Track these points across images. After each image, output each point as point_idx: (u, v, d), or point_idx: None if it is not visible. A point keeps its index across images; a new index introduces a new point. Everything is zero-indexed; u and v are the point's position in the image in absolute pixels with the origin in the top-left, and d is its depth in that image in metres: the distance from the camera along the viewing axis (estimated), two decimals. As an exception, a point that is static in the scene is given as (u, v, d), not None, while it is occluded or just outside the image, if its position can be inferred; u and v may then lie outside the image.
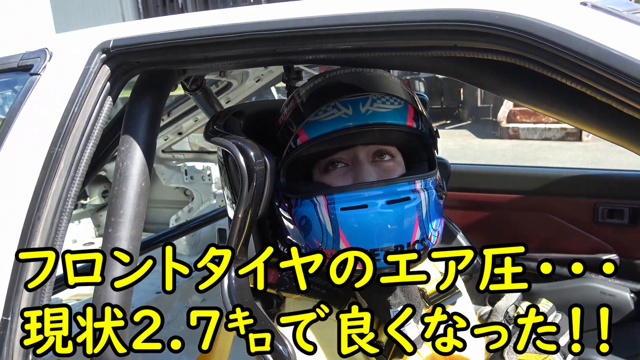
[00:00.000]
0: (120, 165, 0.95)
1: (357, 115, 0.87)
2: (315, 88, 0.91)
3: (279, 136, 0.94)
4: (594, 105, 0.63)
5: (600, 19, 0.60)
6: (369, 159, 0.91)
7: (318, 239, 0.87)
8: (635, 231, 2.08)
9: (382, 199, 0.84)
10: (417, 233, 0.86)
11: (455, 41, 0.68)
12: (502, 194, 2.32)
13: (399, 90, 0.90)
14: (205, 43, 0.85)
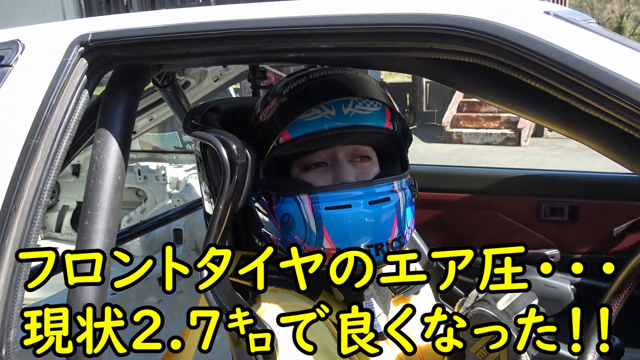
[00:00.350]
0: (97, 158, 0.95)
1: (340, 116, 0.91)
2: (300, 89, 0.93)
3: (260, 134, 0.96)
4: (555, 104, 0.70)
5: (561, 27, 0.68)
6: (347, 158, 0.95)
7: (300, 236, 0.91)
8: (574, 227, 2.23)
9: (364, 199, 0.89)
10: (396, 231, 0.91)
11: (432, 43, 0.74)
12: (453, 193, 2.43)
13: (378, 93, 0.95)
14: (189, 39, 0.87)
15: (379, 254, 0.89)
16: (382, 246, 0.90)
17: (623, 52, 0.65)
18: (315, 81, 0.94)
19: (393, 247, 0.91)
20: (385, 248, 0.90)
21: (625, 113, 0.61)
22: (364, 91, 0.93)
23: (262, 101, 1.00)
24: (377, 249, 0.89)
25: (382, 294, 1.02)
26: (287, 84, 0.96)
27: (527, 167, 7.17)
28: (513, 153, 9.65)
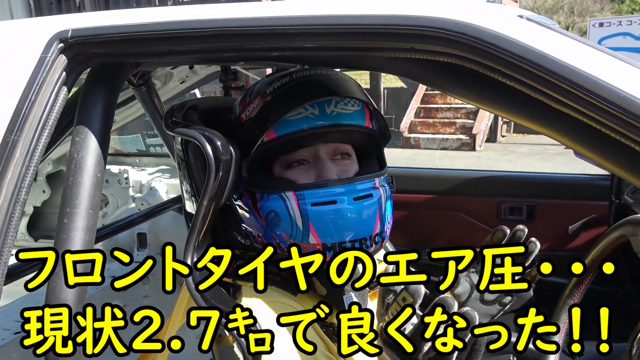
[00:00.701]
0: (76, 155, 0.94)
1: (322, 115, 0.94)
2: (284, 88, 0.95)
3: (243, 132, 0.97)
4: (528, 101, 0.75)
5: (534, 29, 0.73)
6: (329, 156, 0.98)
7: (287, 232, 0.93)
8: (531, 226, 2.30)
9: (349, 196, 0.91)
10: (378, 226, 0.95)
11: (413, 44, 0.78)
12: (417, 194, 2.50)
13: (358, 93, 0.99)
14: (172, 37, 0.88)
15: (362, 248, 0.93)
16: (366, 241, 0.93)
17: (590, 52, 0.70)
18: (299, 80, 0.96)
19: (375, 241, 0.95)
20: (368, 242, 0.93)
21: (593, 109, 0.67)
22: (346, 91, 0.96)
23: (244, 100, 1.02)
24: (360, 243, 0.92)
25: (359, 290, 1.05)
26: (270, 83, 0.98)
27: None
28: (468, 158, 9.92)
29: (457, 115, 11.58)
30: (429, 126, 11.56)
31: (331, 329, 0.97)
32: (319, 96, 0.93)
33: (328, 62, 0.96)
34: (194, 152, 1.05)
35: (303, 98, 0.93)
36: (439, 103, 12.00)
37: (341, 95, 0.95)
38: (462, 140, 10.94)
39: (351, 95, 0.96)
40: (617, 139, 0.68)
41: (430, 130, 11.50)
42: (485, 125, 11.08)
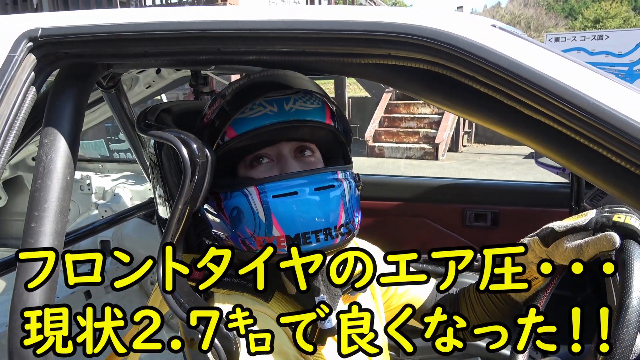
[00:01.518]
0: (44, 158, 0.92)
1: (281, 112, 0.94)
2: (240, 88, 0.97)
3: (206, 134, 0.98)
4: (500, 107, 0.78)
5: (507, 38, 0.75)
6: (291, 154, 0.99)
7: (250, 227, 0.92)
8: (495, 232, 2.39)
9: (309, 186, 0.92)
10: (343, 217, 0.95)
11: (390, 50, 0.80)
12: (384, 201, 2.53)
13: (317, 90, 0.99)
14: (148, 38, 0.87)
15: (328, 239, 0.92)
16: (331, 231, 0.93)
17: (560, 61, 0.73)
18: (256, 80, 0.97)
19: (341, 232, 0.94)
20: (333, 233, 0.93)
21: (564, 115, 0.69)
22: (302, 86, 0.97)
23: (210, 105, 1.02)
24: (325, 233, 0.92)
25: (331, 291, 1.06)
26: (231, 85, 0.99)
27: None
28: (432, 166, 10.11)
29: (420, 125, 11.79)
30: (392, 135, 11.72)
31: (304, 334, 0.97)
32: (274, 91, 0.94)
33: (304, 67, 0.97)
34: (167, 155, 1.04)
35: (258, 94, 0.93)
36: (403, 113, 12.19)
37: (297, 89, 0.96)
38: (425, 149, 11.14)
39: (309, 89, 0.97)
40: (586, 144, 0.71)
41: (394, 140, 11.66)
42: (448, 135, 11.32)
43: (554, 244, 0.98)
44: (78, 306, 2.38)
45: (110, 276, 2.61)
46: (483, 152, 11.98)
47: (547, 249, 1.00)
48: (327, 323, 0.97)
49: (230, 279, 0.99)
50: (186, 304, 0.87)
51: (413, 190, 2.52)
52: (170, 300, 0.88)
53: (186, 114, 1.13)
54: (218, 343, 0.85)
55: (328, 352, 1.01)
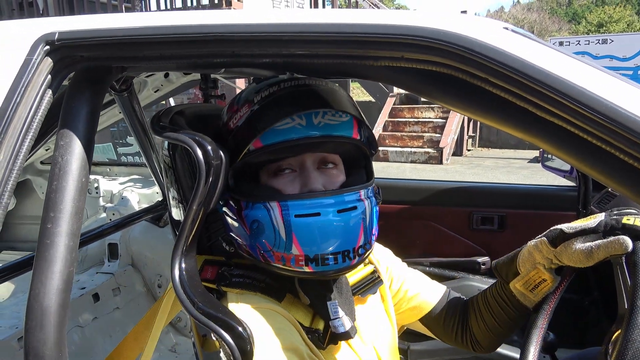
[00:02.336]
0: (60, 160, 0.93)
1: (310, 126, 0.93)
2: (272, 97, 0.94)
3: (231, 140, 0.97)
4: (512, 109, 0.78)
5: (519, 40, 0.76)
6: (315, 165, 0.98)
7: (270, 242, 0.92)
8: (503, 235, 2.39)
9: (333, 208, 0.91)
10: (362, 239, 0.95)
11: (403, 52, 0.80)
12: (390, 204, 2.54)
13: (347, 105, 0.98)
14: (163, 41, 0.88)
15: (345, 261, 0.93)
16: (349, 253, 0.93)
17: (574, 63, 0.74)
18: (287, 90, 0.95)
19: (359, 253, 0.94)
20: (351, 255, 0.93)
21: (578, 117, 0.70)
22: (335, 103, 0.96)
23: (231, 107, 1.01)
24: (344, 255, 0.92)
25: (344, 296, 1.06)
26: (259, 91, 0.96)
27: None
28: (436, 171, 10.10)
29: (424, 129, 11.79)
30: (397, 139, 11.73)
31: (316, 335, 0.98)
32: (307, 107, 0.93)
33: (318, 70, 0.97)
34: (181, 157, 1.05)
35: (290, 109, 0.92)
36: (407, 117, 12.19)
37: (330, 107, 0.95)
38: (430, 153, 11.14)
39: (339, 108, 0.96)
40: (599, 145, 0.71)
41: (399, 144, 11.67)
42: (452, 139, 11.31)
43: (562, 245, 0.98)
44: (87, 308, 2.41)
45: (118, 279, 2.63)
46: (487, 156, 11.97)
47: (555, 249, 1.00)
48: (340, 327, 0.97)
49: (243, 279, 1.00)
50: (200, 303, 0.88)
51: (419, 194, 2.52)
52: (185, 300, 0.89)
53: (199, 117, 1.14)
54: (232, 343, 0.85)
55: (340, 354, 1.01)
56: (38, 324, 0.88)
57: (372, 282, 1.16)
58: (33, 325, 0.88)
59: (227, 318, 0.87)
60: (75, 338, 2.23)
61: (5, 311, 2.28)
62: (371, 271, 1.19)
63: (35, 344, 0.87)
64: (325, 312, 0.99)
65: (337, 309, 0.99)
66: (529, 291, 1.08)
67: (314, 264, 0.91)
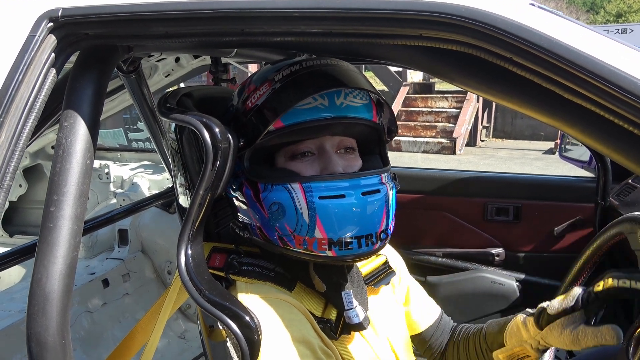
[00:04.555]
0: (64, 141, 0.90)
1: (332, 107, 0.91)
2: (294, 76, 0.91)
3: (249, 120, 0.92)
4: (537, 91, 0.73)
5: (546, 17, 0.71)
6: (334, 149, 0.95)
7: (291, 225, 0.89)
8: (518, 227, 2.34)
9: (357, 190, 0.88)
10: (384, 223, 0.92)
11: (422, 30, 0.76)
12: (404, 193, 2.49)
13: (367, 86, 0.96)
14: (170, 18, 0.84)
15: (368, 245, 0.90)
16: (371, 237, 0.90)
17: (605, 41, 0.69)
18: (309, 69, 0.92)
19: (381, 238, 0.91)
20: (374, 239, 0.90)
21: (609, 98, 0.65)
22: (356, 82, 0.94)
23: (248, 87, 0.96)
24: (367, 239, 0.89)
25: (357, 286, 1.03)
26: (279, 70, 0.93)
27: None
28: (449, 161, 10.02)
29: (438, 119, 11.68)
30: (410, 129, 11.63)
31: (328, 325, 0.95)
32: (330, 86, 0.90)
33: (331, 49, 0.93)
34: (189, 141, 1.02)
35: (314, 88, 0.89)
36: (420, 106, 12.08)
37: (351, 86, 0.92)
38: (443, 143, 11.03)
39: (361, 87, 0.93)
40: (633, 131, 0.66)
41: (412, 134, 11.57)
42: (465, 129, 11.19)
43: (547, 327, 0.96)
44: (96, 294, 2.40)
45: (128, 265, 2.62)
46: (501, 147, 11.83)
47: (541, 332, 0.98)
48: (355, 318, 0.95)
49: (252, 267, 0.97)
50: (207, 291, 0.85)
51: (433, 183, 2.48)
52: (191, 287, 0.86)
53: (208, 99, 1.11)
54: (239, 332, 0.82)
55: (352, 344, 0.98)
56: (40, 310, 0.85)
57: (384, 272, 1.14)
58: (35, 310, 0.86)
59: (235, 307, 0.84)
60: (84, 323, 2.23)
61: (15, 295, 2.28)
62: (384, 261, 1.16)
63: (37, 329, 0.85)
64: (340, 302, 0.96)
65: (352, 299, 0.97)
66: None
67: (337, 248, 0.88)
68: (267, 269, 0.98)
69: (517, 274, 2.25)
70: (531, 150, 11.10)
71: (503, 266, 2.33)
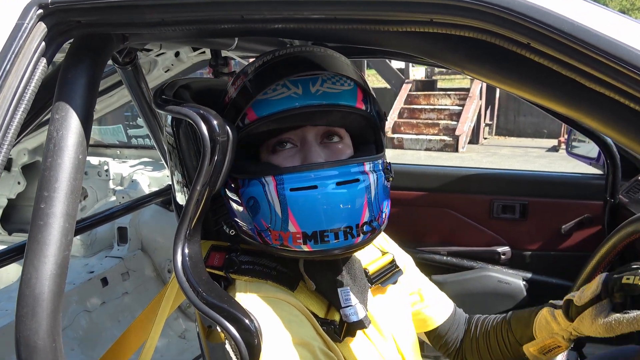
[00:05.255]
0: (55, 135, 0.85)
1: (306, 95, 0.86)
2: (264, 66, 0.89)
3: (225, 114, 0.90)
4: (556, 79, 0.69)
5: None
6: (317, 140, 0.91)
7: (266, 220, 0.86)
8: (524, 225, 2.29)
9: (332, 180, 0.84)
10: (366, 214, 0.87)
11: (432, 15, 0.71)
12: (407, 190, 2.45)
13: (349, 71, 0.91)
14: (165, 4, 0.80)
15: (347, 238, 0.85)
16: (352, 229, 0.85)
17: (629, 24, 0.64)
18: (281, 57, 0.89)
19: (363, 230, 0.87)
20: (354, 232, 0.85)
21: (635, 85, 0.61)
22: (334, 68, 0.89)
23: (232, 82, 0.95)
24: (345, 232, 0.84)
25: (358, 284, 0.99)
26: (254, 62, 0.92)
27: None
28: (452, 159, 9.97)
29: (440, 117, 11.62)
30: (412, 127, 11.57)
31: (332, 327, 0.90)
32: (301, 72, 0.86)
33: (336, 38, 0.89)
34: (186, 135, 0.97)
35: (282, 75, 0.86)
36: (423, 104, 12.02)
37: (327, 71, 0.88)
38: (445, 141, 10.97)
39: (339, 72, 0.89)
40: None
41: (414, 131, 11.52)
42: (468, 126, 11.14)
43: (578, 318, 0.98)
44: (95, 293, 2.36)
45: (127, 263, 2.58)
46: (504, 144, 11.78)
47: (572, 323, 0.99)
48: (353, 316, 0.91)
49: (253, 266, 0.93)
50: (204, 293, 0.81)
51: (437, 180, 2.43)
52: (188, 288, 0.82)
53: (207, 91, 1.06)
54: (238, 336, 0.78)
55: (356, 345, 0.94)
56: (30, 312, 0.81)
57: (391, 271, 1.10)
58: (24, 312, 0.82)
59: (233, 309, 0.80)
60: (82, 323, 2.19)
61: (13, 294, 2.25)
62: (390, 260, 1.12)
63: (26, 332, 0.80)
64: (337, 300, 0.92)
65: (350, 296, 0.93)
66: (542, 354, 1.10)
67: (312, 242, 0.84)
68: (268, 267, 0.94)
69: (523, 272, 2.20)
70: (534, 147, 11.04)
71: (509, 265, 2.28)
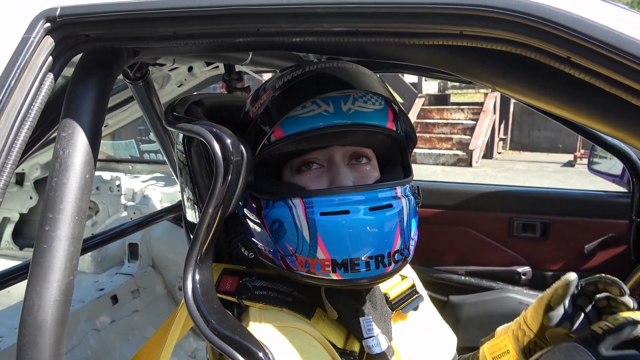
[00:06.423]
0: (61, 153, 0.81)
1: (338, 113, 0.82)
2: (294, 82, 0.84)
3: (249, 131, 0.86)
4: (599, 96, 0.64)
5: (614, 11, 0.61)
6: (345, 160, 0.87)
7: (292, 245, 0.81)
8: (545, 244, 2.22)
9: (364, 205, 0.79)
10: (398, 242, 0.82)
11: (462, 27, 0.66)
12: (425, 208, 2.38)
13: (380, 89, 0.87)
14: (177, 17, 0.76)
15: (379, 267, 0.80)
16: (383, 258, 0.80)
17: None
18: (312, 73, 0.85)
19: (395, 259, 0.81)
20: (386, 260, 0.80)
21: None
22: (365, 85, 0.85)
23: (253, 96, 0.91)
24: (377, 261, 0.79)
25: (380, 312, 0.93)
26: (281, 77, 0.87)
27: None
28: (465, 173, 9.87)
29: (453, 131, 11.54)
30: (425, 141, 11.51)
31: (351, 358, 0.85)
32: (333, 90, 0.82)
33: (358, 52, 0.84)
34: (197, 152, 0.93)
35: (314, 92, 0.81)
36: (436, 118, 11.97)
37: (359, 89, 0.83)
38: (459, 156, 10.89)
39: (371, 91, 0.84)
40: None
41: (427, 146, 11.45)
42: (482, 141, 11.05)
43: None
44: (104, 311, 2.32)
45: (138, 280, 2.54)
46: (519, 159, 11.65)
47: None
48: (376, 347, 0.85)
49: (267, 292, 0.88)
50: (215, 323, 0.76)
51: (455, 197, 2.37)
52: (198, 317, 0.77)
53: (220, 107, 1.02)
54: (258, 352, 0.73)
55: None
56: (32, 341, 0.76)
57: (411, 296, 1.04)
58: (26, 342, 0.77)
59: (246, 341, 0.74)
60: (91, 342, 2.14)
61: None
62: (411, 285, 1.06)
63: (27, 364, 0.75)
64: (358, 330, 0.86)
65: (372, 326, 0.87)
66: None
67: (342, 270, 0.79)
68: (284, 293, 0.89)
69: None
70: (549, 162, 10.91)
71: (530, 285, 2.20)
